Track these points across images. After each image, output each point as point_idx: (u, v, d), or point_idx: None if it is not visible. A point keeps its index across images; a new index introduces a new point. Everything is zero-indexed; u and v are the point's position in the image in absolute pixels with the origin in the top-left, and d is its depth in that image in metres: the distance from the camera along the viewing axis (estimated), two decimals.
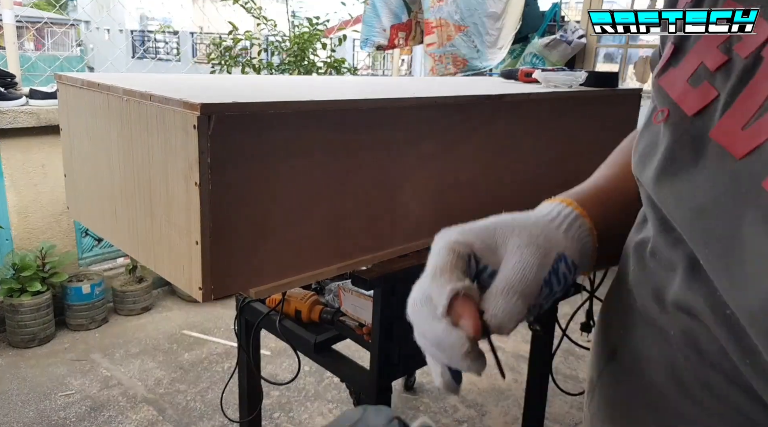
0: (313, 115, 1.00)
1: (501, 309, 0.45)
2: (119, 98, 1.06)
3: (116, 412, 2.32)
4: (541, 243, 0.48)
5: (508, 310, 0.45)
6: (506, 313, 0.45)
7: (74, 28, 4.91)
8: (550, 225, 0.50)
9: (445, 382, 0.48)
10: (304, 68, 4.01)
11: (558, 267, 0.48)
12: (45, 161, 2.82)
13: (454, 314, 0.44)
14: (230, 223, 0.93)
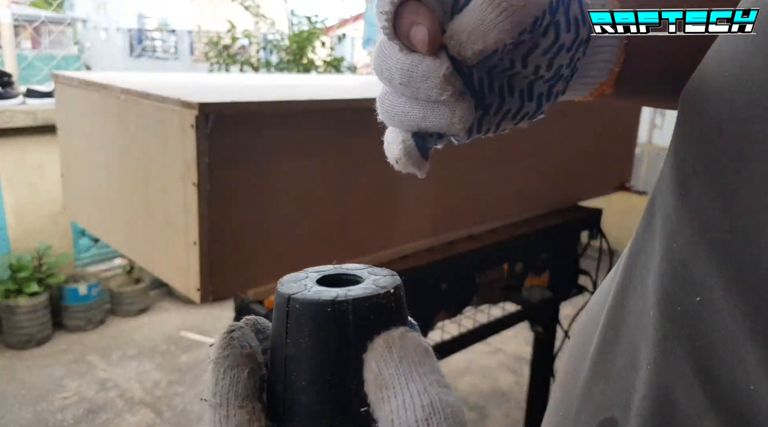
0: (312, 114, 0.98)
1: (468, 23, 0.30)
2: (116, 97, 1.04)
3: (113, 414, 2.31)
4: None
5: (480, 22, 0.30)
6: (474, 26, 0.30)
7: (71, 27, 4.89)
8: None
9: (406, 148, 0.34)
10: (303, 67, 3.99)
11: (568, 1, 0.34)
12: (42, 161, 2.80)
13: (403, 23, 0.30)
14: (228, 223, 0.91)
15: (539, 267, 1.71)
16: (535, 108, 0.37)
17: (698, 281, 0.30)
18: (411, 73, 0.31)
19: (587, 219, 1.75)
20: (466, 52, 0.30)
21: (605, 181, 1.79)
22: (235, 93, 0.99)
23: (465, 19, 0.30)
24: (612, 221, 3.81)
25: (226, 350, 0.25)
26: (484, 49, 0.30)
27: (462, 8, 0.33)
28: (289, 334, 0.25)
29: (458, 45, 0.30)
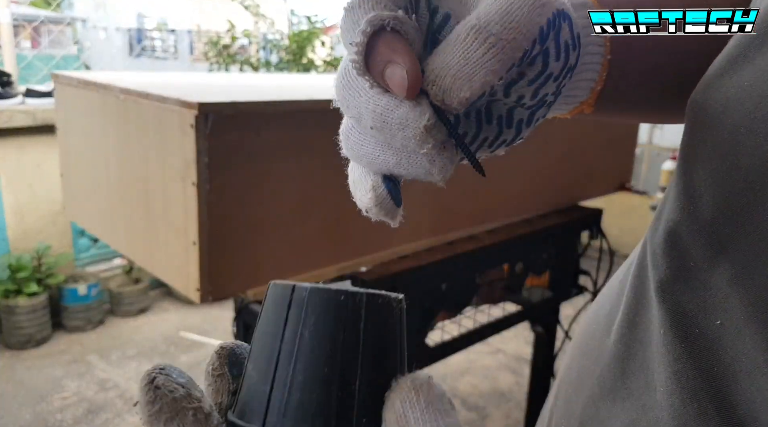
0: (312, 114, 0.98)
1: (453, 62, 0.26)
2: (116, 97, 1.04)
3: (113, 414, 2.31)
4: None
5: (465, 61, 0.26)
6: (460, 66, 0.26)
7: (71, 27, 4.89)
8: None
9: (377, 196, 0.31)
10: (302, 67, 3.99)
11: (560, 24, 0.30)
12: (41, 161, 2.79)
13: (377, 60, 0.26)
14: (228, 223, 0.91)
15: (539, 267, 1.70)
16: (514, 134, 0.33)
17: (718, 303, 0.28)
18: (385, 118, 0.27)
19: (587, 219, 1.75)
20: (452, 102, 0.26)
21: (605, 181, 1.79)
22: (234, 93, 0.99)
23: (447, 57, 0.26)
24: (612, 221, 3.81)
25: (156, 404, 0.22)
26: (471, 96, 0.26)
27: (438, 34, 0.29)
28: (289, 326, 0.23)
29: (442, 92, 0.26)
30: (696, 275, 0.30)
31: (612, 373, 0.36)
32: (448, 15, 0.29)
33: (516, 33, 0.26)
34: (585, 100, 0.36)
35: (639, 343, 0.34)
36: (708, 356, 0.28)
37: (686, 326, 0.30)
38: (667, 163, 2.58)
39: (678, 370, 0.30)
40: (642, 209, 3.40)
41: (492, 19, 0.26)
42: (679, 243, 0.31)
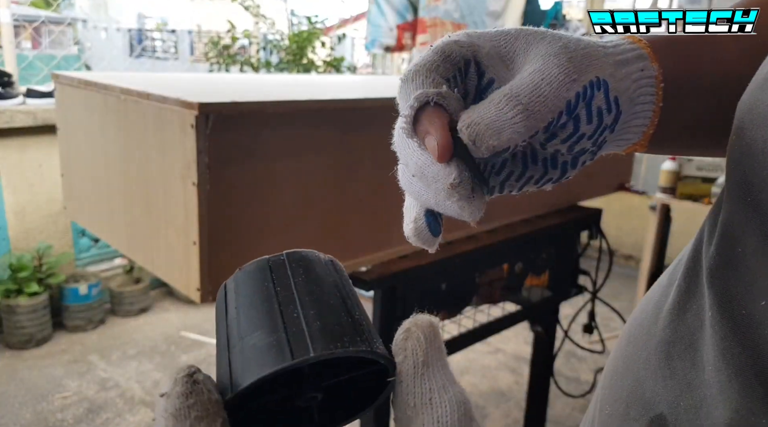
0: (312, 114, 0.98)
1: (487, 115, 0.31)
2: (116, 97, 1.05)
3: (114, 414, 2.31)
4: (577, 58, 0.33)
5: (496, 118, 0.31)
6: (492, 120, 0.31)
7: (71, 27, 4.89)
8: (598, 48, 0.35)
9: (416, 228, 0.35)
10: (303, 67, 3.99)
11: (592, 93, 0.33)
12: (42, 161, 2.80)
13: (420, 129, 0.32)
14: (228, 223, 0.91)
15: (539, 267, 1.71)
16: (560, 174, 0.37)
17: (765, 286, 0.30)
18: (423, 171, 0.32)
19: (587, 219, 1.75)
20: (481, 145, 0.31)
21: (605, 181, 1.79)
22: (235, 93, 0.99)
23: (483, 110, 0.31)
24: (612, 221, 3.81)
25: (190, 399, 0.21)
26: (498, 145, 0.31)
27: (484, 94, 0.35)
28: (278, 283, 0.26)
29: (475, 135, 0.31)
30: (743, 261, 0.32)
31: (658, 356, 0.38)
32: (492, 80, 0.35)
33: (541, 106, 0.32)
34: (637, 142, 0.39)
35: (687, 327, 0.36)
36: (753, 335, 0.30)
37: (733, 308, 0.32)
38: (667, 163, 2.59)
39: (724, 348, 0.31)
40: (641, 209, 3.40)
41: (522, 92, 0.32)
42: (731, 231, 0.34)
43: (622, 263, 3.91)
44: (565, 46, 0.34)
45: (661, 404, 0.36)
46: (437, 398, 0.24)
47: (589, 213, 1.76)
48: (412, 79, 0.32)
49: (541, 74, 0.32)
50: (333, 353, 0.23)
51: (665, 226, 2.61)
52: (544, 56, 0.33)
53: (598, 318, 1.99)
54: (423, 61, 0.33)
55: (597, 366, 2.62)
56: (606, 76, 0.34)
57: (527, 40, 0.35)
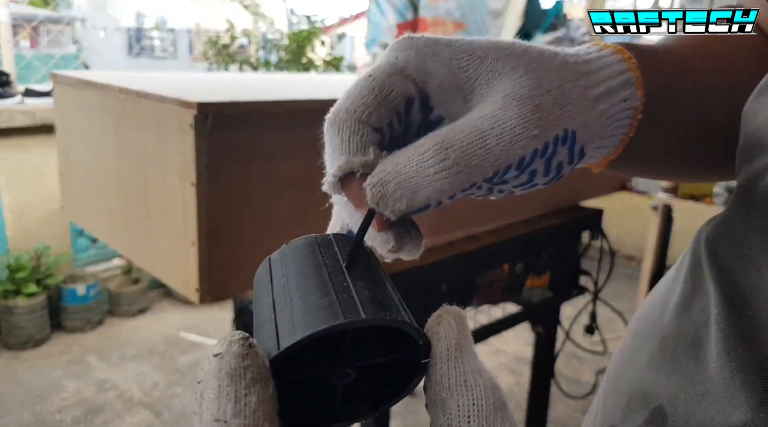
0: (312, 114, 0.98)
1: (403, 170, 0.26)
2: (115, 97, 1.04)
3: (112, 415, 2.30)
4: (547, 106, 0.27)
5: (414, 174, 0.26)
6: (407, 177, 0.26)
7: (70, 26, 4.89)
8: (580, 80, 0.29)
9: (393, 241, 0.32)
10: (302, 66, 3.99)
11: (554, 150, 0.28)
12: (40, 161, 2.79)
13: (348, 194, 0.29)
14: (227, 224, 0.90)
15: (540, 267, 1.70)
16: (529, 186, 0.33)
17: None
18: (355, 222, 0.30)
19: (588, 219, 1.75)
20: (385, 208, 0.27)
21: (606, 181, 1.78)
22: (234, 92, 0.99)
23: (399, 163, 0.27)
24: (613, 221, 3.81)
25: (247, 360, 0.21)
26: (407, 209, 0.27)
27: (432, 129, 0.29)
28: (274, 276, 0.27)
29: (378, 197, 0.27)
30: (751, 261, 0.32)
31: (662, 350, 0.38)
32: (441, 117, 0.30)
33: (480, 160, 0.26)
34: (594, 164, 0.36)
35: (692, 323, 0.36)
36: (758, 334, 0.30)
37: (740, 307, 0.31)
38: None
39: (729, 345, 0.31)
40: (643, 209, 3.40)
41: (456, 142, 0.26)
42: (734, 232, 0.34)
43: (624, 263, 3.91)
44: (537, 85, 0.28)
45: (661, 396, 0.37)
46: (472, 380, 0.24)
47: (590, 213, 1.75)
48: (338, 131, 0.28)
49: (494, 121, 0.26)
50: (383, 319, 0.23)
51: (667, 226, 2.61)
52: (506, 98, 0.27)
53: (600, 319, 1.98)
54: (353, 104, 0.28)
55: (598, 367, 2.62)
56: (577, 125, 0.28)
57: (494, 68, 0.28)
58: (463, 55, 0.29)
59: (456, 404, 0.23)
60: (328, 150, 0.29)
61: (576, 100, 0.29)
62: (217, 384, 0.20)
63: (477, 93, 0.28)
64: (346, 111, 0.28)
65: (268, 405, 0.21)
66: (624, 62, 0.31)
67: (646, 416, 0.38)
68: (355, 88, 0.29)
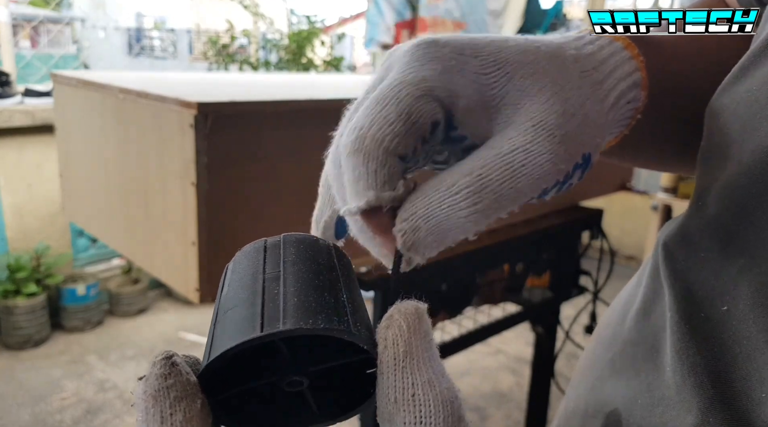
0: (312, 114, 0.98)
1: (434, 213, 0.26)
2: (115, 97, 1.04)
3: (112, 415, 2.30)
4: (572, 134, 0.27)
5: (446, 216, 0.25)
6: (439, 220, 0.26)
7: (70, 26, 4.89)
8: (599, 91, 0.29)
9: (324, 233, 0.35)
10: (302, 66, 3.99)
11: (572, 174, 0.28)
12: (40, 161, 2.79)
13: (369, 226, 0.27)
14: (227, 223, 0.90)
15: (540, 267, 1.70)
16: None
17: (726, 290, 0.30)
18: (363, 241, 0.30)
19: (588, 219, 1.75)
20: (415, 257, 0.27)
21: (606, 181, 1.78)
22: (234, 92, 0.99)
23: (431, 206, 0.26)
24: (613, 221, 3.81)
25: (170, 379, 0.21)
26: (435, 252, 0.27)
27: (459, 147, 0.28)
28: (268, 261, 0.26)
29: (410, 244, 0.26)
30: (707, 265, 0.32)
31: (622, 357, 0.38)
32: (465, 137, 0.28)
33: (509, 201, 0.26)
34: None
35: (651, 328, 0.36)
36: (710, 338, 0.30)
37: (692, 311, 0.31)
38: None
39: (680, 348, 0.31)
40: (643, 209, 3.40)
41: (489, 185, 0.25)
42: (690, 236, 0.34)
43: (624, 263, 3.91)
44: (563, 112, 0.27)
45: (617, 400, 0.36)
46: (421, 394, 0.21)
47: (590, 213, 1.75)
48: (364, 161, 0.26)
49: (524, 157, 0.26)
50: (300, 329, 0.21)
51: None
52: (536, 129, 0.26)
53: (600, 319, 1.98)
54: (380, 133, 0.25)
55: None
56: (593, 147, 0.28)
57: (522, 87, 0.27)
58: (490, 69, 0.28)
59: (402, 421, 0.21)
60: (350, 177, 0.27)
61: (596, 120, 0.29)
62: (144, 406, 0.21)
63: (503, 113, 0.28)
64: (372, 139, 0.26)
65: (197, 421, 0.21)
66: (633, 61, 0.31)
67: (602, 421, 0.37)
68: (379, 110, 0.26)
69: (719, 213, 0.31)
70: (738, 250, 0.29)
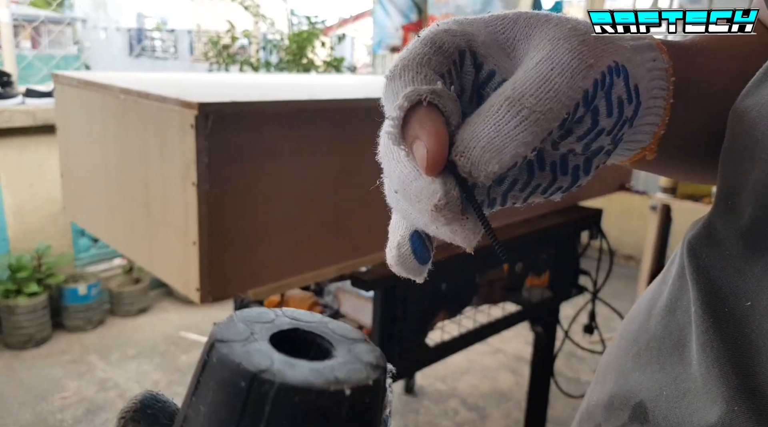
0: (312, 114, 0.98)
1: (483, 134, 0.26)
2: (116, 97, 1.04)
3: (113, 414, 2.30)
4: (590, 41, 0.29)
5: (495, 134, 0.26)
6: (489, 139, 0.26)
7: (71, 27, 4.89)
8: (610, 35, 0.31)
9: (400, 255, 0.31)
10: (302, 67, 3.99)
11: (611, 80, 0.29)
12: (41, 161, 2.79)
13: (408, 134, 0.27)
14: (228, 223, 0.91)
15: (539, 267, 1.70)
16: (571, 181, 0.33)
17: (751, 288, 0.30)
18: (405, 187, 0.28)
19: (587, 219, 1.75)
20: (479, 175, 0.27)
21: (605, 181, 1.79)
22: (234, 93, 0.99)
23: (478, 127, 0.27)
24: (612, 221, 3.81)
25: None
26: (500, 169, 0.27)
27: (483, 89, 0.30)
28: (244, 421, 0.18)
29: (469, 165, 0.26)
30: (731, 262, 0.32)
31: (648, 351, 0.38)
32: (492, 71, 0.30)
33: (553, 103, 0.27)
34: (647, 146, 0.35)
35: (677, 323, 0.36)
36: (734, 332, 0.31)
37: (716, 306, 0.32)
38: None
39: (705, 341, 0.32)
40: (642, 209, 3.40)
41: (527, 91, 0.27)
42: (715, 235, 0.34)
43: (623, 263, 3.91)
44: (574, 28, 0.29)
45: (643, 393, 0.37)
46: None
47: (589, 213, 1.76)
48: (400, 76, 0.27)
49: (551, 63, 0.27)
50: None
51: (666, 226, 2.61)
52: (552, 41, 0.28)
53: (599, 318, 1.99)
54: (411, 54, 0.28)
55: (597, 366, 2.62)
56: (624, 61, 0.30)
57: (528, 24, 0.30)
58: (495, 21, 0.31)
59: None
60: (389, 100, 0.28)
61: (614, 41, 0.30)
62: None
63: (518, 48, 0.30)
64: (403, 60, 0.28)
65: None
66: (647, 38, 0.33)
67: (629, 414, 0.38)
68: (407, 49, 0.29)
69: (746, 212, 0.31)
70: (763, 248, 0.30)
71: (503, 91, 0.27)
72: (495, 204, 0.32)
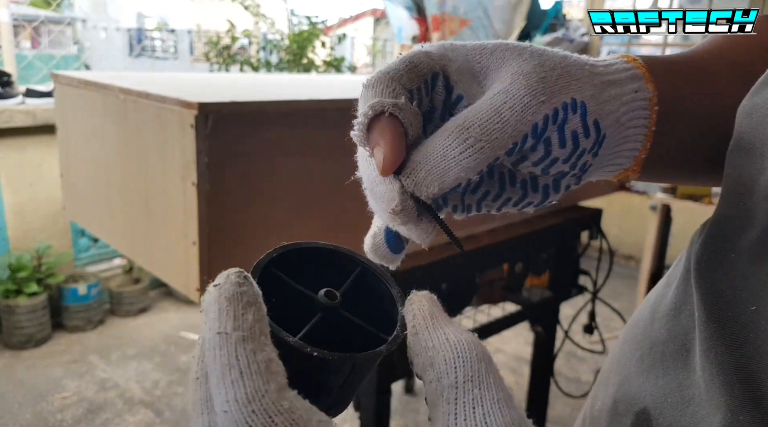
0: (312, 114, 0.98)
1: (431, 157, 0.29)
2: (116, 97, 1.04)
3: (113, 414, 2.31)
4: (551, 78, 0.31)
5: (441, 158, 0.29)
6: (435, 163, 0.29)
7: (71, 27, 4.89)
8: (583, 67, 0.33)
9: (374, 244, 0.34)
10: (302, 67, 3.99)
11: (565, 116, 0.31)
12: (41, 161, 2.79)
13: (371, 140, 0.30)
14: (228, 223, 0.91)
15: (539, 267, 1.70)
16: (542, 198, 0.36)
17: (756, 291, 0.30)
18: (372, 187, 0.31)
19: (587, 219, 1.75)
20: (421, 194, 0.30)
21: (605, 181, 1.79)
22: (234, 93, 0.99)
23: (427, 151, 0.30)
24: (612, 221, 3.81)
25: (244, 287, 0.24)
26: (439, 192, 0.30)
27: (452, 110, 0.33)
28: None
29: (413, 185, 0.30)
30: (736, 266, 0.32)
31: (651, 355, 0.38)
32: (460, 96, 0.32)
33: (499, 133, 0.29)
34: (629, 168, 0.37)
35: (681, 327, 0.36)
36: (738, 337, 0.30)
37: (720, 310, 0.32)
38: None
39: (708, 347, 0.32)
40: (642, 209, 3.40)
41: (476, 121, 0.30)
42: (724, 237, 0.34)
43: (623, 263, 3.91)
44: (541, 64, 0.31)
45: (647, 399, 0.37)
46: (453, 337, 0.25)
47: (589, 213, 1.76)
48: (373, 86, 0.31)
49: (505, 96, 0.30)
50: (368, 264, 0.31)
51: (666, 226, 2.61)
52: (514, 75, 0.31)
53: (599, 318, 1.99)
54: (386, 68, 0.31)
55: (597, 367, 2.62)
56: (585, 97, 0.32)
57: (503, 56, 0.32)
58: (476, 50, 0.33)
59: (443, 359, 0.25)
60: (360, 106, 0.31)
61: (581, 78, 0.32)
62: (218, 307, 0.23)
63: (489, 77, 0.32)
64: (378, 73, 0.31)
65: (263, 324, 0.24)
66: (628, 63, 0.34)
67: (632, 419, 0.38)
68: (387, 63, 0.32)
69: (758, 213, 0.31)
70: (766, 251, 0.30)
71: (457, 118, 0.30)
72: (471, 209, 0.36)
